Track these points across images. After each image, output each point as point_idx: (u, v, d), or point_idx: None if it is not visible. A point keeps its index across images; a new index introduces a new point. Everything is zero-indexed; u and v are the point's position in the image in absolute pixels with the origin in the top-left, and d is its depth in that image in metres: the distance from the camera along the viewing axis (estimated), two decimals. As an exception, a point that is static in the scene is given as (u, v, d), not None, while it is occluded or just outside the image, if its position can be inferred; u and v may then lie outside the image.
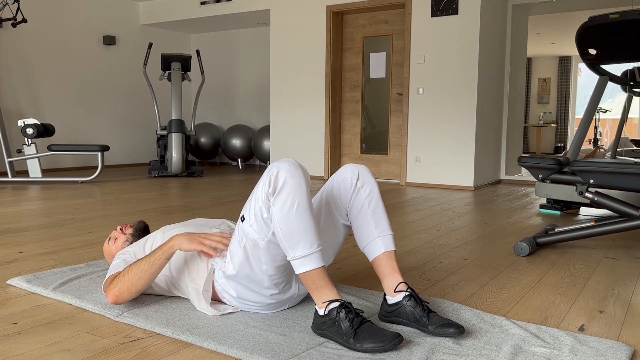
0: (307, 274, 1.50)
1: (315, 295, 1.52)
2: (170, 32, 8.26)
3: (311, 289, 1.52)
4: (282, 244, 1.50)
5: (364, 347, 1.42)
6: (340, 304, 1.49)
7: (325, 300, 1.50)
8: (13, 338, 1.54)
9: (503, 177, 6.26)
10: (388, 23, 6.02)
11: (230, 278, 1.64)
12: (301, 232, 1.48)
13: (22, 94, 6.53)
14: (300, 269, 1.50)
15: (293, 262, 1.50)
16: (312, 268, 1.49)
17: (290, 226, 1.48)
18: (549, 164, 2.53)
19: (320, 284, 1.50)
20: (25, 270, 2.24)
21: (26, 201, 4.24)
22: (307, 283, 1.51)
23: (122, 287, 1.66)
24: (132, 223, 2.09)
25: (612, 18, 2.44)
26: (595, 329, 1.68)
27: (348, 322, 1.45)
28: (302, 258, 1.49)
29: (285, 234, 1.48)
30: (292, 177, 1.49)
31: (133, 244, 1.89)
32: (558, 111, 11.94)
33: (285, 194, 1.48)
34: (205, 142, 7.75)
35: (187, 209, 3.95)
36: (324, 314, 1.51)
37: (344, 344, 1.46)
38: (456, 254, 2.68)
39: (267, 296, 1.65)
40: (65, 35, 6.91)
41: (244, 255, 1.58)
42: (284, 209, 1.48)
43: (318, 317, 1.53)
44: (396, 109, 6.04)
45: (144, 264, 1.65)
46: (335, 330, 1.47)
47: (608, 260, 2.59)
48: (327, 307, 1.50)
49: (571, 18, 8.09)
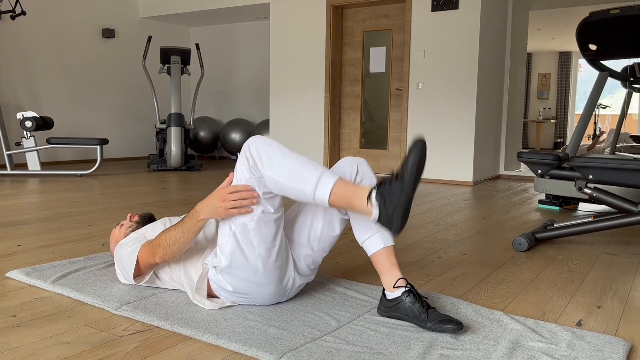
0: (333, 194, 1.48)
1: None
2: (170, 25, 8.23)
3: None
4: (295, 192, 1.50)
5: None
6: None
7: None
8: (12, 330, 1.54)
9: (502, 173, 6.26)
10: (388, 17, 6.00)
11: (224, 271, 1.64)
12: (301, 166, 1.51)
13: (21, 86, 6.52)
14: (324, 193, 1.47)
15: (318, 188, 1.48)
16: (332, 184, 1.48)
17: (290, 169, 1.50)
18: (548, 159, 2.53)
19: (349, 196, 1.48)
20: (24, 263, 2.24)
21: (25, 194, 4.24)
22: (340, 200, 1.48)
23: (166, 255, 1.68)
24: (140, 213, 2.11)
25: (612, 14, 2.44)
26: (593, 324, 1.69)
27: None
28: (318, 183, 1.48)
29: (292, 178, 1.49)
30: (262, 141, 1.55)
31: (134, 232, 1.91)
32: (558, 107, 11.93)
33: (265, 154, 1.53)
34: (204, 135, 7.74)
35: (186, 202, 3.94)
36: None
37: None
38: (455, 249, 2.69)
39: (263, 285, 1.64)
40: (65, 28, 6.89)
41: (235, 243, 1.58)
42: (274, 162, 1.51)
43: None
44: (396, 104, 6.03)
45: (178, 235, 1.65)
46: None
47: (606, 255, 2.59)
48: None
49: (572, 13, 8.07)
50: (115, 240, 2.02)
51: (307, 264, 1.74)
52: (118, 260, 1.85)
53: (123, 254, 1.81)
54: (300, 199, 1.53)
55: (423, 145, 1.44)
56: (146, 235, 1.87)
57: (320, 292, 1.90)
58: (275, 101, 6.64)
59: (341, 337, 1.51)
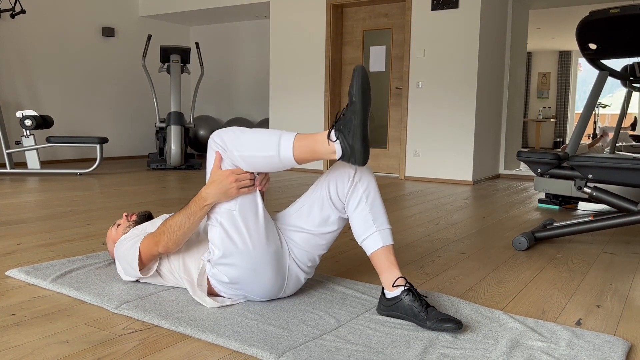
0: (295, 147, 1.55)
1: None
2: (170, 24, 8.23)
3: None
4: (264, 160, 1.57)
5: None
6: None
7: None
8: (12, 329, 1.54)
9: (502, 172, 6.26)
10: (388, 16, 6.00)
11: (218, 263, 1.65)
12: (261, 135, 1.58)
13: (20, 85, 6.51)
14: (287, 149, 1.55)
15: (281, 148, 1.55)
16: (292, 139, 1.55)
17: (252, 141, 1.57)
18: (547, 158, 2.53)
19: (311, 145, 1.55)
20: (24, 262, 2.24)
21: (25, 193, 4.24)
22: (303, 152, 1.55)
23: (170, 243, 1.70)
24: (137, 212, 2.10)
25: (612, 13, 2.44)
26: (593, 324, 1.69)
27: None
28: (279, 143, 1.55)
29: (257, 148, 1.57)
30: (222, 131, 1.63)
31: (133, 229, 1.91)
32: (557, 106, 11.93)
33: (229, 138, 1.60)
34: (204, 134, 7.74)
35: (185, 201, 3.94)
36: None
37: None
38: (454, 248, 2.69)
39: (258, 271, 1.64)
40: (64, 26, 6.88)
41: (223, 232, 1.62)
42: (238, 142, 1.58)
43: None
44: (395, 103, 6.03)
45: (182, 221, 1.67)
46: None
47: (606, 255, 2.59)
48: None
49: (572, 12, 8.07)
50: (112, 240, 2.02)
51: (304, 250, 1.74)
52: (120, 256, 1.84)
53: (124, 247, 1.81)
54: (271, 166, 1.59)
55: (362, 69, 1.51)
56: (146, 230, 1.87)
57: (319, 291, 1.90)
58: (275, 100, 6.64)
59: (341, 336, 1.51)
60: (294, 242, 1.74)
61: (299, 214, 1.75)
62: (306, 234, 1.73)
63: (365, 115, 1.51)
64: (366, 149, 1.51)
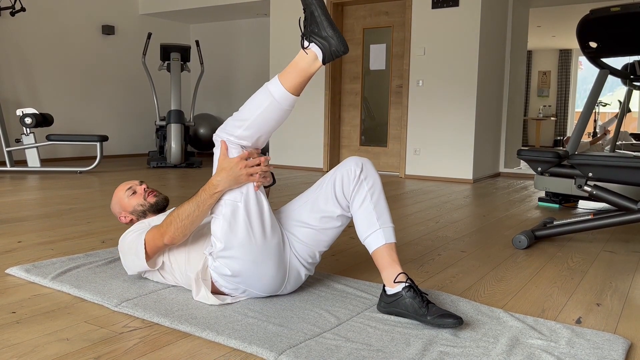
0: (283, 80, 1.60)
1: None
2: (170, 22, 8.22)
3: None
4: (264, 113, 1.61)
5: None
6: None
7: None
8: (12, 327, 1.54)
9: (502, 170, 6.26)
10: (388, 15, 5.99)
11: (220, 256, 1.66)
12: (252, 99, 1.64)
13: (20, 83, 6.51)
14: (277, 86, 1.60)
15: (271, 91, 1.60)
16: (277, 78, 1.61)
17: (247, 108, 1.63)
18: (548, 157, 2.53)
19: (295, 68, 1.61)
20: (24, 260, 2.24)
21: (25, 191, 4.24)
22: (292, 77, 1.60)
23: (177, 232, 1.69)
24: (157, 193, 2.03)
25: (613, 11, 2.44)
26: (593, 322, 1.69)
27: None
28: (269, 89, 1.61)
29: (253, 108, 1.62)
30: (222, 125, 1.69)
31: (140, 222, 1.90)
32: (558, 104, 11.93)
33: (227, 123, 1.66)
34: (204, 133, 7.73)
35: (185, 199, 3.94)
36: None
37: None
38: (454, 246, 2.69)
39: (260, 263, 1.65)
40: (64, 24, 6.88)
41: (226, 224, 1.63)
42: (237, 118, 1.64)
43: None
44: (396, 101, 6.03)
45: (192, 209, 1.67)
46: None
47: (606, 253, 2.59)
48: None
49: (572, 11, 8.06)
50: (121, 206, 1.96)
51: (306, 245, 1.75)
52: (124, 248, 1.83)
53: (129, 239, 1.81)
54: (275, 115, 1.62)
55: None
56: (151, 224, 1.86)
57: (319, 289, 1.90)
58: (275, 98, 6.62)
59: (341, 334, 1.51)
60: (296, 237, 1.74)
61: (302, 209, 1.76)
62: (309, 229, 1.74)
63: (322, 4, 1.57)
64: (338, 33, 1.56)
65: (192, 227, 1.70)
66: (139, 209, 1.96)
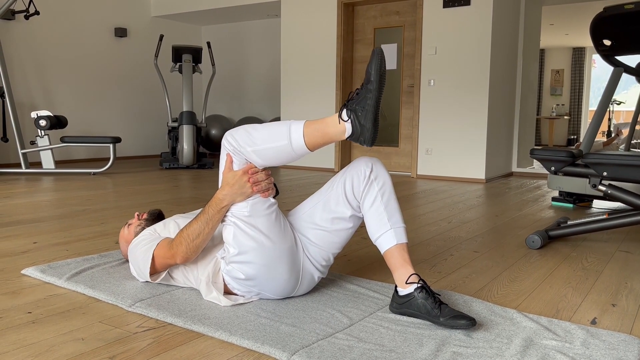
0: (306, 134, 1.57)
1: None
2: (181, 23, 8.27)
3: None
4: (276, 151, 1.59)
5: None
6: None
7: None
8: (28, 327, 1.56)
9: (515, 170, 6.21)
10: (399, 14, 5.98)
11: (233, 260, 1.66)
12: (271, 128, 1.60)
13: (34, 86, 6.58)
14: (298, 136, 1.57)
15: (292, 136, 1.57)
16: (302, 126, 1.57)
17: (264, 135, 1.59)
18: (561, 156, 2.51)
19: (322, 128, 1.57)
20: (40, 261, 2.27)
21: (39, 192, 4.29)
22: (315, 136, 1.57)
23: (189, 252, 1.71)
24: (148, 210, 2.11)
25: (627, 8, 2.41)
26: (608, 323, 1.67)
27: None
28: (290, 132, 1.57)
29: (269, 140, 1.59)
30: (234, 130, 1.65)
31: (145, 229, 1.92)
32: (571, 103, 11.82)
33: (240, 136, 1.62)
34: (216, 133, 7.77)
35: (197, 200, 3.96)
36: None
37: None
38: (467, 246, 2.67)
39: (274, 268, 1.65)
40: (77, 27, 6.94)
41: (238, 230, 1.64)
42: (249, 138, 1.60)
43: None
44: (407, 101, 6.01)
45: (201, 227, 1.68)
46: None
47: (621, 253, 2.57)
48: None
49: (586, 8, 7.99)
50: (125, 240, 2.03)
51: (319, 248, 1.75)
52: (132, 259, 1.87)
53: (137, 252, 1.83)
54: (285, 156, 1.60)
55: (381, 52, 1.53)
56: (157, 230, 1.88)
57: (331, 289, 1.90)
58: (286, 99, 6.65)
59: (353, 334, 1.51)
60: (309, 240, 1.74)
61: (313, 210, 1.76)
62: (321, 231, 1.74)
63: (379, 96, 1.54)
64: (376, 130, 1.54)
65: (204, 244, 1.72)
66: (139, 230, 2.00)
